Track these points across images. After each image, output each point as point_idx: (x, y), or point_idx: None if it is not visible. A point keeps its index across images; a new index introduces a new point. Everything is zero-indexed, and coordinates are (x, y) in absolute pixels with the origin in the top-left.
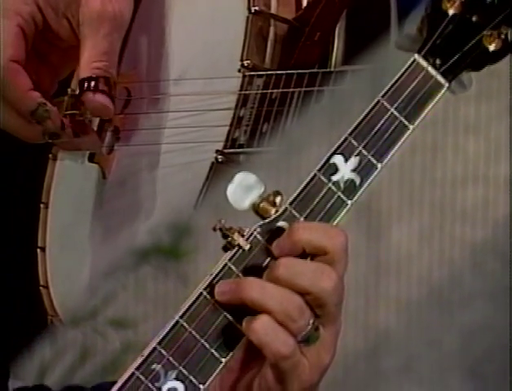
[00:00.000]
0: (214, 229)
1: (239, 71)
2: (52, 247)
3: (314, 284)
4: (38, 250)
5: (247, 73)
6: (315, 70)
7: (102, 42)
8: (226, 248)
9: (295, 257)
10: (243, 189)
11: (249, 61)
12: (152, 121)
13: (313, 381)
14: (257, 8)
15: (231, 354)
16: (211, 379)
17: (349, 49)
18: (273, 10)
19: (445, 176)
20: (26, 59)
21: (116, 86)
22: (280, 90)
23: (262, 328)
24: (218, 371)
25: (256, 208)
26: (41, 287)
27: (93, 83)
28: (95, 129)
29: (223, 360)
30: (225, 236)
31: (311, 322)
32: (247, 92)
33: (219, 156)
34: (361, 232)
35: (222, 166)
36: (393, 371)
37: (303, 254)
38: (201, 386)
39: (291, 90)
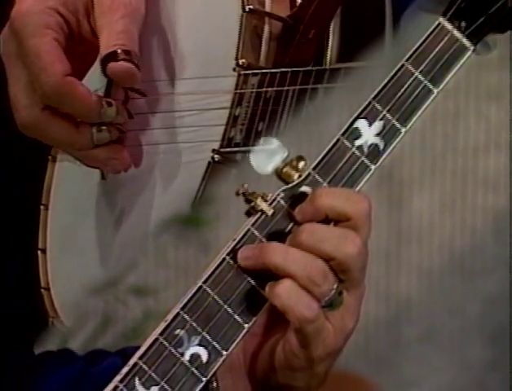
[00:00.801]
0: (237, 193)
1: (234, 70)
2: (53, 248)
3: (338, 249)
4: (39, 252)
5: (242, 72)
6: (309, 68)
7: (116, 25)
8: (249, 213)
9: (318, 223)
10: (266, 154)
11: (243, 60)
12: (147, 122)
13: (337, 346)
14: (251, 6)
15: (254, 320)
16: (234, 345)
17: (344, 46)
18: (267, 9)
19: (467, 143)
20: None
21: (139, 61)
22: (275, 89)
23: (285, 292)
24: (241, 337)
25: (279, 173)
26: (42, 289)
27: (113, 55)
28: None
29: (246, 326)
30: (248, 201)
31: (335, 286)
32: (242, 91)
33: (216, 156)
34: (382, 200)
35: (219, 165)
36: (414, 340)
37: (326, 220)
38: (224, 352)
39: (286, 88)
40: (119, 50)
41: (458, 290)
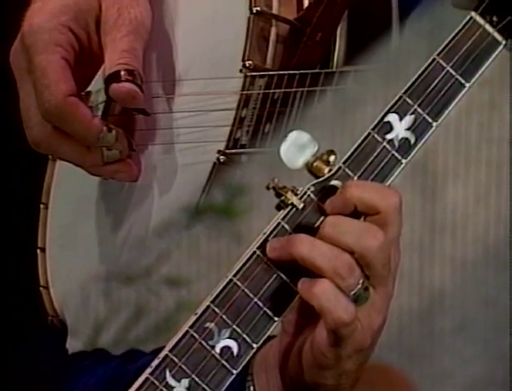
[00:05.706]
0: (268, 187)
1: (240, 71)
2: (52, 247)
3: (358, 242)
4: (38, 250)
5: (249, 74)
6: (316, 70)
7: (120, 43)
8: (279, 207)
9: (344, 216)
10: (296, 148)
11: (250, 61)
12: (153, 122)
13: (365, 344)
14: (258, 8)
15: (284, 313)
16: (264, 338)
17: (351, 49)
18: (275, 11)
19: (502, 134)
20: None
21: (142, 80)
22: (282, 90)
23: (323, 294)
24: (271, 330)
25: (309, 167)
26: (41, 288)
27: (116, 75)
28: None
29: (276, 319)
30: (278, 195)
31: (361, 281)
32: (249, 92)
33: (221, 157)
34: (416, 191)
35: (224, 167)
36: (448, 331)
37: (356, 214)
38: (254, 345)
39: (293, 90)
40: (122, 71)
41: (492, 281)
